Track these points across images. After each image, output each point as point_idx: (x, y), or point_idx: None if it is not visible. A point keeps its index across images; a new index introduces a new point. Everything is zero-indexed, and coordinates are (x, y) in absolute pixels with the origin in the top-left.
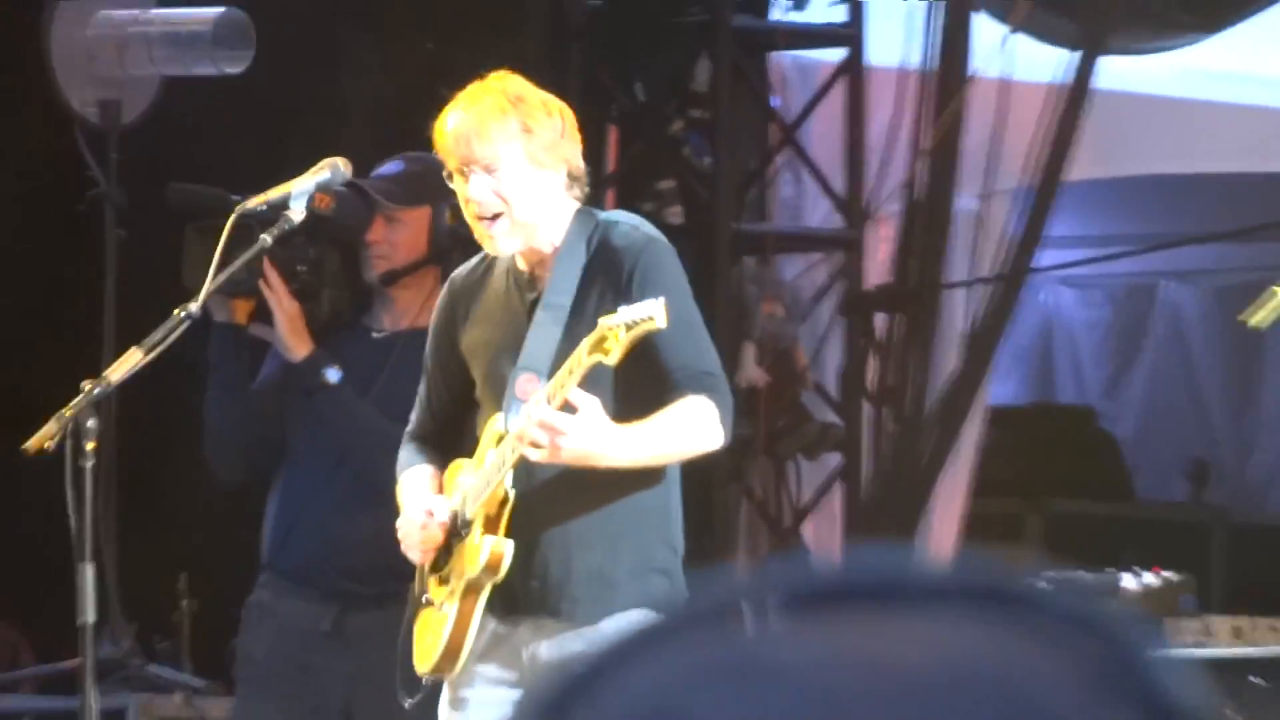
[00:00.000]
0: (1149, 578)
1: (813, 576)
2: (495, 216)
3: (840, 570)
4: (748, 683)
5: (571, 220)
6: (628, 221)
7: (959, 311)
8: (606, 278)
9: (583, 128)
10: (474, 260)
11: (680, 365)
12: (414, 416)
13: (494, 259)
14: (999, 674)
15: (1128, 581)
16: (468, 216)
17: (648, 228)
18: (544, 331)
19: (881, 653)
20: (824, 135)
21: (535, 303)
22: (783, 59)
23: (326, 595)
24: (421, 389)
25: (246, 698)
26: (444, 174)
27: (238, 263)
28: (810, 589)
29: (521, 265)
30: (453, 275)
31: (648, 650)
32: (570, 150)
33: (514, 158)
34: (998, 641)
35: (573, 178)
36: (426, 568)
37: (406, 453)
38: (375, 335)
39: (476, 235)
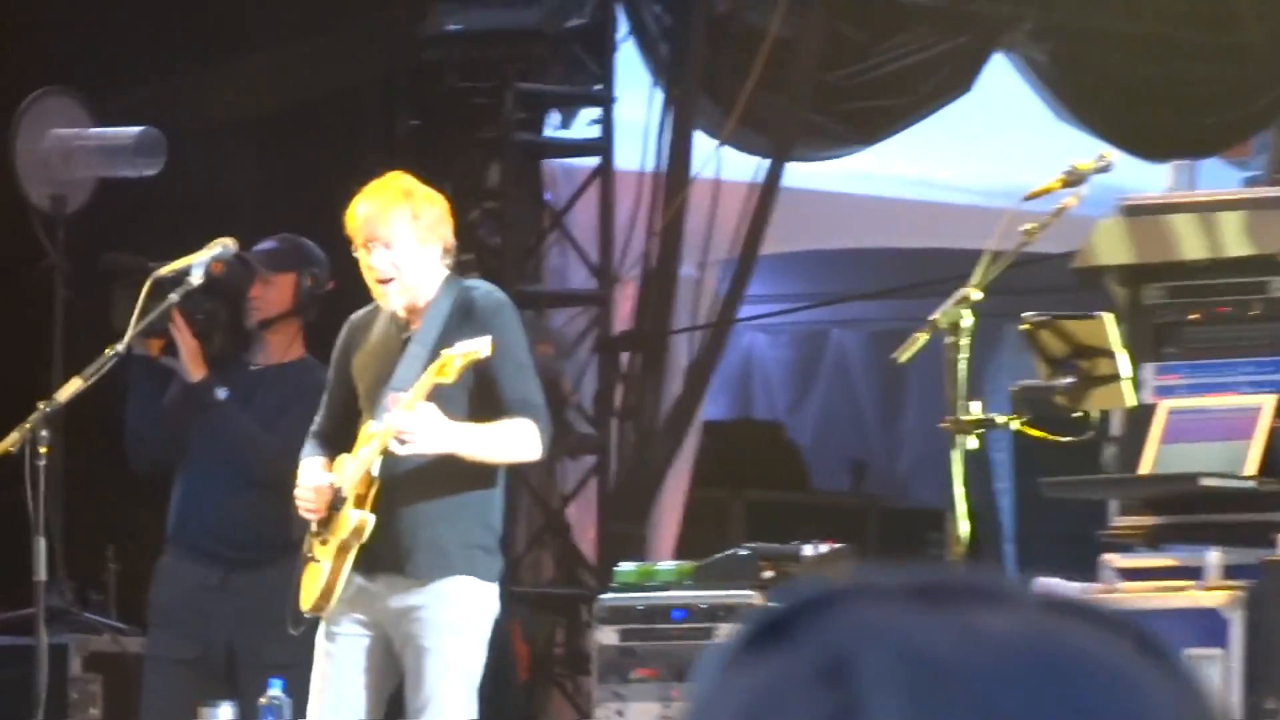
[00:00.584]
0: (822, 548)
1: (973, 578)
2: (389, 280)
3: (985, 576)
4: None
5: (442, 283)
6: (485, 287)
7: (682, 351)
8: (465, 325)
9: None
10: (368, 307)
11: (513, 397)
12: (317, 419)
13: (379, 306)
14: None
15: (807, 551)
16: (368, 279)
17: (499, 293)
18: (411, 362)
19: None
20: (583, 221)
21: (407, 341)
22: (553, 164)
23: (214, 560)
24: (324, 398)
25: (155, 635)
26: (351, 246)
27: (153, 313)
28: (971, 586)
29: (400, 313)
30: (350, 317)
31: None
32: (446, 230)
33: (405, 237)
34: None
35: (446, 250)
36: (312, 532)
37: (309, 445)
38: (252, 368)
39: (375, 293)
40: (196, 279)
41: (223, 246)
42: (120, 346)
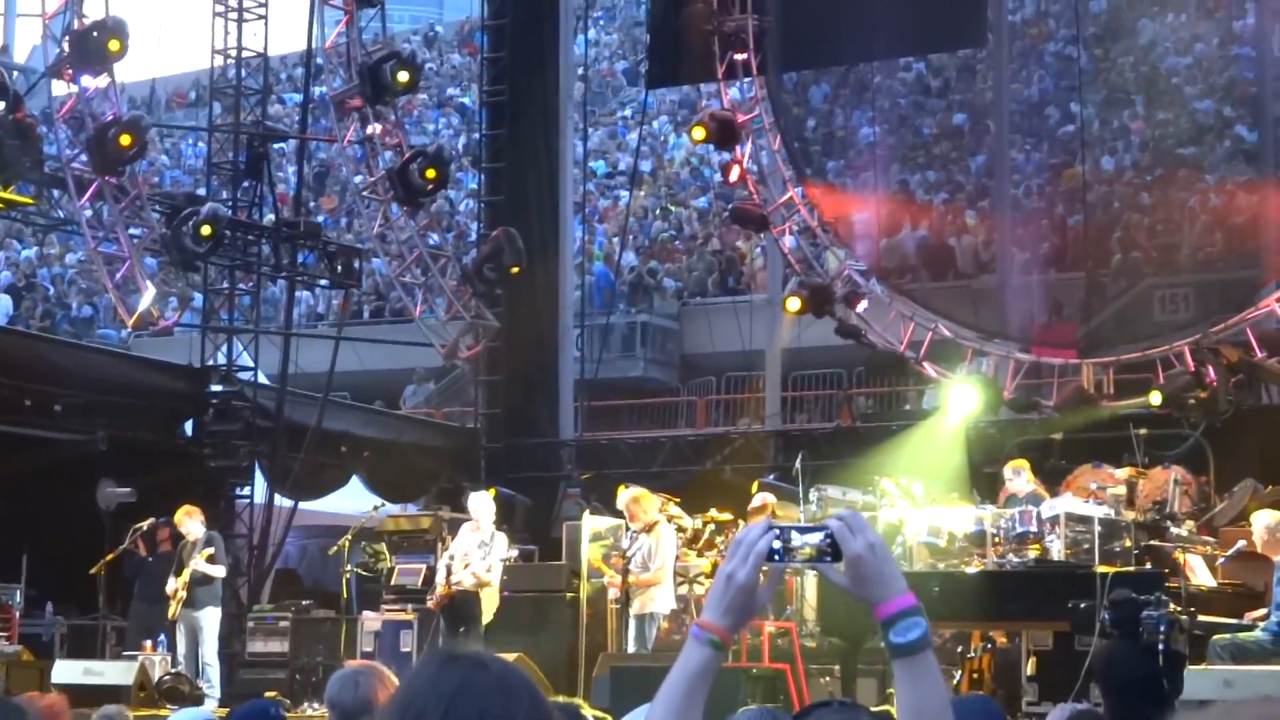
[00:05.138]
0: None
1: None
2: (181, 535)
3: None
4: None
5: (203, 531)
6: (214, 533)
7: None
8: (207, 545)
9: None
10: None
11: (219, 559)
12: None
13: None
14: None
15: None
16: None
17: (216, 533)
18: (192, 553)
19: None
20: (245, 518)
21: (193, 548)
22: (245, 503)
23: (151, 603)
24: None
25: (130, 625)
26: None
27: (130, 538)
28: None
29: (191, 540)
30: (181, 542)
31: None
32: (200, 520)
33: (188, 524)
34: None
35: (202, 522)
36: (169, 595)
37: (171, 576)
38: (159, 553)
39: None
40: (146, 528)
41: (152, 520)
42: (122, 546)
